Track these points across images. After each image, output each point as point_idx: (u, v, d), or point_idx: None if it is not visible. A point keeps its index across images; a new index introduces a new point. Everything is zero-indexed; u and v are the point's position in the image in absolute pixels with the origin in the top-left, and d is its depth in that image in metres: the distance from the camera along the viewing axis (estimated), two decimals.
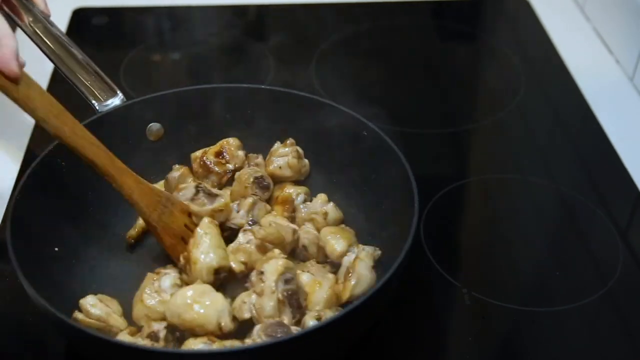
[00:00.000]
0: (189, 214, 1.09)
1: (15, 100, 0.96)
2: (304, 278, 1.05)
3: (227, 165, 1.19)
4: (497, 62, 1.66)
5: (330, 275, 1.07)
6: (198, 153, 1.21)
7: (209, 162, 1.19)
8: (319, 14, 1.74)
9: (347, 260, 1.07)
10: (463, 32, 1.73)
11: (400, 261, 0.97)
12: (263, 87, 1.26)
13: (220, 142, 1.21)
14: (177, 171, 1.18)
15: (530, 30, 1.71)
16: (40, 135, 1.38)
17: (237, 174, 1.18)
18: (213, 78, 1.55)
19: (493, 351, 1.09)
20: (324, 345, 0.95)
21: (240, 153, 1.21)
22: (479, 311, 1.11)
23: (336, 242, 1.10)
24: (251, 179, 1.16)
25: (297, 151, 1.20)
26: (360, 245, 1.09)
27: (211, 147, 1.21)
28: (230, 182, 1.20)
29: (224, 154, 1.19)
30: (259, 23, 1.74)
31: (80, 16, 1.71)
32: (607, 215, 1.26)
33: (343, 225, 1.15)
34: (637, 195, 1.29)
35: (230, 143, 1.21)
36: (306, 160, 1.22)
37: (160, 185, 1.18)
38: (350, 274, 1.04)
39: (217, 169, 1.19)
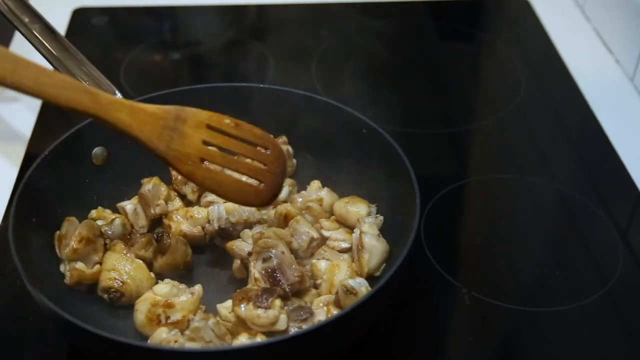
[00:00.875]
0: (207, 125, 0.99)
1: None
2: (322, 265, 1.08)
3: None
4: (497, 62, 1.66)
5: (346, 256, 1.11)
6: None
7: None
8: (319, 14, 1.74)
9: (354, 238, 1.09)
10: (463, 32, 1.73)
11: (401, 261, 0.97)
12: (262, 85, 1.26)
13: None
14: (149, 183, 1.17)
15: (530, 30, 1.71)
16: (39, 136, 1.38)
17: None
18: (213, 78, 1.55)
19: (493, 351, 1.09)
20: (323, 345, 0.95)
21: None
22: (479, 311, 1.11)
23: (356, 207, 1.14)
24: None
25: (288, 150, 1.21)
26: (359, 220, 1.11)
27: None
28: None
29: None
30: (259, 23, 1.74)
31: (80, 16, 1.71)
32: (607, 215, 1.25)
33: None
34: (637, 195, 1.29)
35: None
36: (294, 160, 1.23)
37: (134, 200, 1.18)
38: (361, 250, 1.07)
39: None
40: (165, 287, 1.03)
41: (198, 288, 1.04)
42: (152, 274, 1.09)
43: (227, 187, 1.00)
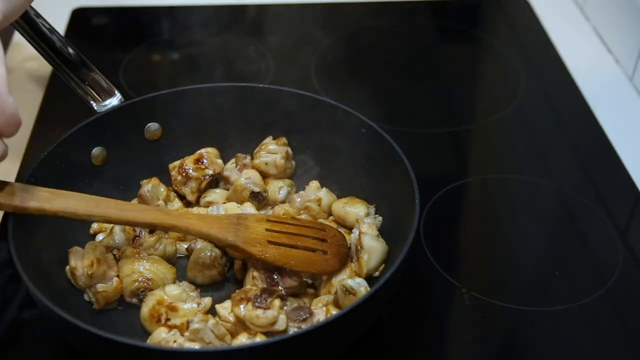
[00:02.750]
0: (267, 220, 1.09)
1: (52, 214, 0.99)
2: None
3: (207, 170, 1.19)
4: (497, 62, 1.66)
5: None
6: (176, 162, 1.22)
7: (188, 169, 1.19)
8: (319, 14, 1.74)
9: (353, 238, 1.09)
10: (463, 32, 1.73)
11: (400, 261, 0.96)
12: (262, 85, 1.26)
13: (199, 151, 1.22)
14: (148, 184, 1.18)
15: (530, 30, 1.71)
16: (39, 136, 1.38)
17: (235, 181, 1.19)
18: (213, 78, 1.55)
19: (493, 351, 1.08)
20: (323, 345, 0.95)
21: (219, 161, 1.22)
22: (479, 311, 1.11)
23: (354, 208, 1.14)
24: (248, 194, 1.17)
25: (287, 152, 1.21)
26: (358, 220, 1.11)
27: (189, 156, 1.21)
28: (209, 186, 1.21)
29: (204, 160, 1.20)
30: (259, 23, 1.74)
31: (79, 16, 1.71)
32: (607, 215, 1.25)
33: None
34: (637, 195, 1.29)
35: (209, 152, 1.22)
36: (293, 162, 1.23)
37: (135, 202, 1.18)
38: (360, 251, 1.07)
39: (195, 174, 1.19)
40: (176, 290, 1.04)
41: (207, 301, 1.04)
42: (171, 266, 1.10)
43: (297, 260, 1.05)
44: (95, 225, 1.16)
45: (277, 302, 0.99)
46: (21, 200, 0.98)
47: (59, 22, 1.66)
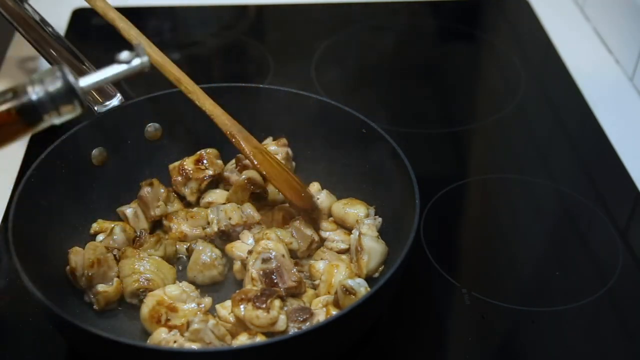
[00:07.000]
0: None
1: None
2: (320, 266, 1.09)
3: (207, 170, 1.19)
4: (497, 62, 1.66)
5: (344, 257, 1.11)
6: (176, 163, 1.21)
7: (188, 169, 1.19)
8: (319, 14, 1.74)
9: (353, 239, 1.10)
10: (463, 32, 1.73)
11: (400, 261, 0.97)
12: (262, 86, 1.26)
13: (199, 152, 1.22)
14: (148, 185, 1.17)
15: (530, 30, 1.71)
16: (39, 136, 1.38)
17: (235, 182, 1.19)
18: (213, 78, 1.55)
19: (493, 351, 1.09)
20: (323, 345, 0.95)
21: (219, 162, 1.22)
22: (479, 311, 1.11)
23: (354, 209, 1.14)
24: (248, 194, 1.17)
25: (287, 153, 1.21)
26: (358, 221, 1.11)
27: (189, 156, 1.21)
28: (209, 187, 1.21)
29: (204, 161, 1.20)
30: (259, 23, 1.74)
31: (80, 16, 1.71)
32: (607, 215, 1.25)
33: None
34: (637, 195, 1.29)
35: (209, 152, 1.22)
36: (293, 163, 1.23)
37: (134, 203, 1.18)
38: (360, 252, 1.07)
39: (196, 174, 1.19)
40: (176, 290, 1.03)
41: (208, 300, 1.04)
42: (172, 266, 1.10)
43: (280, 178, 1.12)
44: (95, 225, 1.16)
45: (277, 303, 0.99)
46: None
47: (59, 22, 1.66)
